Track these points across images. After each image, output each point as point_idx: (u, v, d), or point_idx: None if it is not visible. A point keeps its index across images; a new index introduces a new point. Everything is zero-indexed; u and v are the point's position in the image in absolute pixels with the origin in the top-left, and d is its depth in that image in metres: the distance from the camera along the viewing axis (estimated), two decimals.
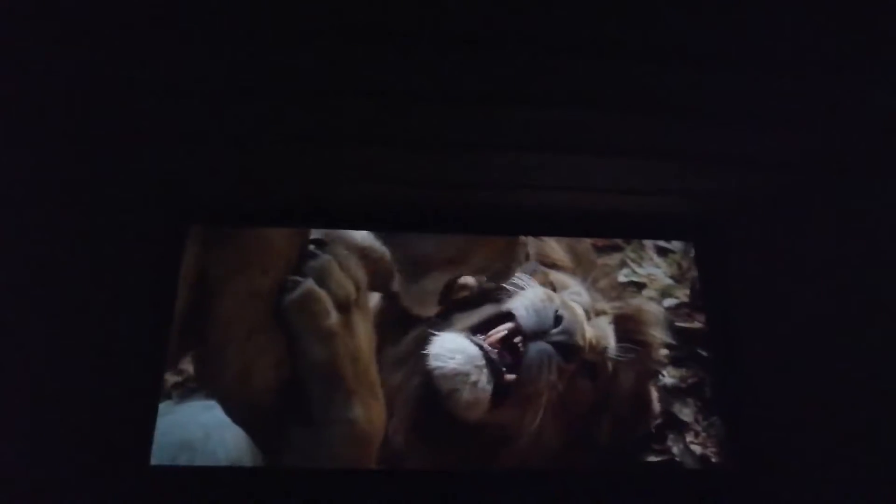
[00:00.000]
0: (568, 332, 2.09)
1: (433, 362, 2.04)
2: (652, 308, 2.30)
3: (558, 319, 2.10)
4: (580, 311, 2.15)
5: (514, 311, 2.12)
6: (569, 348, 2.08)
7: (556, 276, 2.27)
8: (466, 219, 2.29)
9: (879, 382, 1.75)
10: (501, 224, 2.31)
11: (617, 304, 2.27)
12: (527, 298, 2.15)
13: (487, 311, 2.15)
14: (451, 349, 2.05)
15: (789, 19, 1.34)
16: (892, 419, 1.70)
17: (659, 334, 2.26)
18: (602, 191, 2.14)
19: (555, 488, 2.00)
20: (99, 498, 1.78)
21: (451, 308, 2.17)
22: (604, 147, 1.85)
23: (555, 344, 2.08)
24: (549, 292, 2.18)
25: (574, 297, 2.21)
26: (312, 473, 1.94)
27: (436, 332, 2.10)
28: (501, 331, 2.09)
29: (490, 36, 1.38)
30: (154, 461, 1.93)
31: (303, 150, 1.86)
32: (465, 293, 2.18)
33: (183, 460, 1.92)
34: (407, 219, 2.27)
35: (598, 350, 2.15)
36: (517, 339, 2.08)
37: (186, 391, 2.01)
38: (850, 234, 1.88)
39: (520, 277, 2.22)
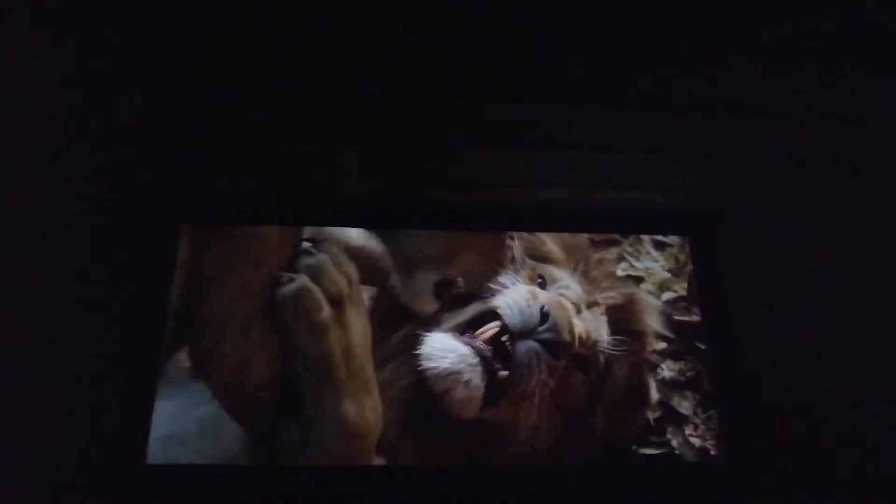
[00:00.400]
0: (555, 329, 2.08)
1: (426, 363, 2.04)
2: (645, 296, 2.29)
3: (544, 317, 2.09)
4: (568, 306, 2.14)
5: (499, 310, 2.11)
6: (556, 345, 2.07)
7: (545, 269, 2.25)
8: (465, 216, 2.28)
9: (875, 376, 1.76)
10: (499, 220, 2.31)
11: (609, 294, 2.26)
12: (510, 298, 2.13)
13: (474, 309, 2.14)
14: (443, 349, 2.05)
15: (789, 19, 1.34)
16: (888, 413, 1.73)
17: (653, 322, 2.25)
18: (601, 187, 2.14)
19: (554, 483, 2.01)
20: (94, 497, 1.78)
21: (449, 304, 2.16)
22: (603, 144, 1.86)
23: (542, 342, 2.07)
24: (533, 290, 2.16)
25: (563, 290, 2.20)
26: (310, 471, 1.93)
27: (424, 333, 2.09)
28: (493, 328, 2.08)
29: (489, 34, 1.38)
30: (150, 459, 1.90)
31: (299, 149, 1.86)
32: (459, 289, 2.17)
33: (174, 454, 1.89)
34: (403, 216, 2.26)
35: (589, 344, 2.14)
36: (505, 339, 2.08)
37: (181, 384, 1.98)
38: (846, 230, 1.89)
39: (505, 275, 2.21)
